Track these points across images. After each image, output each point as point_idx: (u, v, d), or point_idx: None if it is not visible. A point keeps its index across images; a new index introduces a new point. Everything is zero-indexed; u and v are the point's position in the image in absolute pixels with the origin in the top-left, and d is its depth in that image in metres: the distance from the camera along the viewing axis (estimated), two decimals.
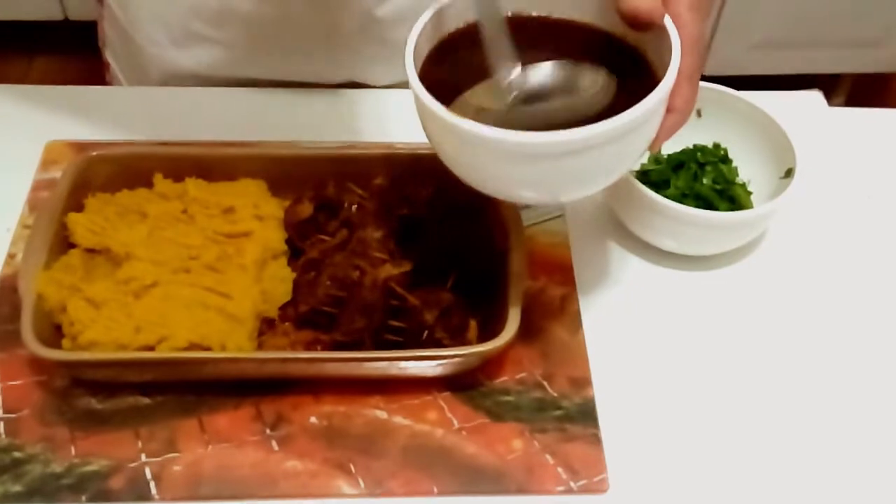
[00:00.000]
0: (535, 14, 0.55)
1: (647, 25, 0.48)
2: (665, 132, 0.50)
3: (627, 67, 0.52)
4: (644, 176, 0.68)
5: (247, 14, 0.75)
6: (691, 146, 0.69)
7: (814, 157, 0.71)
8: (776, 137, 0.67)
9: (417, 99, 0.49)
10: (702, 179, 0.67)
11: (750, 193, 0.68)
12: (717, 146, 0.69)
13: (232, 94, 0.77)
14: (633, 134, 0.48)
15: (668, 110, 0.49)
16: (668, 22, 0.48)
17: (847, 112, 0.81)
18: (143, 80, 0.82)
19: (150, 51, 0.79)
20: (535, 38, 0.54)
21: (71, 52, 1.85)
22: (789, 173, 0.65)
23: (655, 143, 0.50)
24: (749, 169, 0.69)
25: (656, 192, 0.62)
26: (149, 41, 0.78)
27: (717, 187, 0.67)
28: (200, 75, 0.79)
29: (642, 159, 0.67)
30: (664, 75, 0.47)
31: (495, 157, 0.48)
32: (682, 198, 0.66)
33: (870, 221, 0.71)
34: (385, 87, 0.80)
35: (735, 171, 0.69)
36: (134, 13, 0.78)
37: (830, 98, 0.81)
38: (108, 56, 0.86)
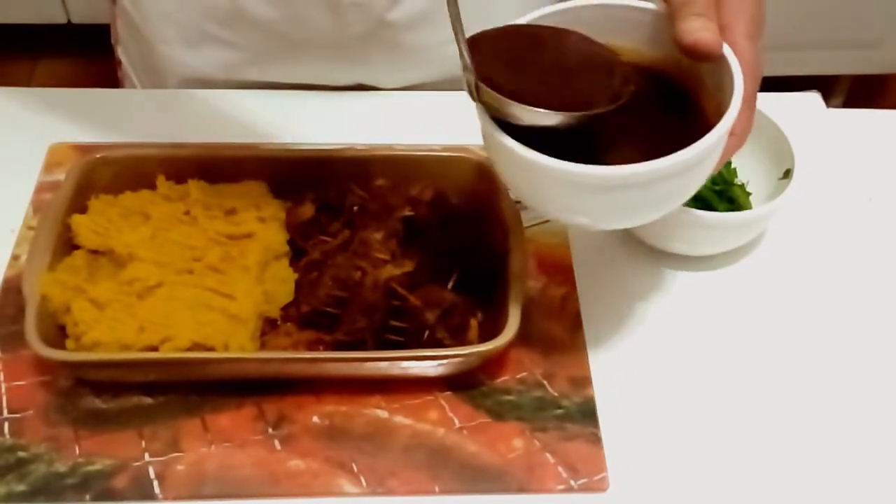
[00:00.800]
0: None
1: (706, 56, 0.49)
2: (725, 155, 0.51)
3: (680, 97, 0.53)
4: None
5: (258, 16, 0.75)
6: None
7: (812, 158, 0.71)
8: (774, 138, 0.67)
9: (484, 127, 0.50)
10: None
11: (749, 194, 0.68)
12: None
13: (235, 97, 0.77)
14: (703, 163, 0.49)
15: (729, 134, 0.50)
16: (726, 51, 0.50)
17: (845, 113, 0.81)
18: (155, 79, 0.82)
19: (162, 50, 0.79)
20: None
21: (74, 55, 1.86)
22: (788, 174, 0.66)
23: (716, 167, 0.52)
24: (747, 170, 0.69)
25: None
26: (160, 40, 0.79)
27: (716, 188, 0.67)
28: (211, 75, 0.79)
29: None
30: (722, 102, 0.49)
31: (559, 187, 0.49)
32: None
33: (868, 222, 0.71)
34: (393, 89, 0.80)
35: (734, 172, 0.69)
36: (146, 12, 0.79)
37: (828, 99, 0.81)
38: (121, 54, 0.86)
